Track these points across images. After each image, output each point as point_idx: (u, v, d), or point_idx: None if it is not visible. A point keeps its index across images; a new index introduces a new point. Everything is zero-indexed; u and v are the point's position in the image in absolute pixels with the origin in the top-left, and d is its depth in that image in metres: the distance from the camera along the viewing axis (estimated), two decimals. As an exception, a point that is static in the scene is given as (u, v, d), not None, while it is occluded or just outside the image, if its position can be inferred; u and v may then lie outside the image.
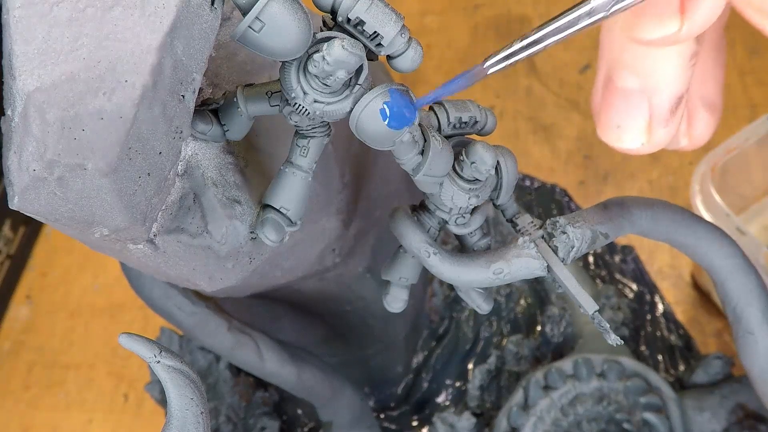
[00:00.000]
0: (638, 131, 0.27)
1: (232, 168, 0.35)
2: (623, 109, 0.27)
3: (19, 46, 0.25)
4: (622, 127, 0.27)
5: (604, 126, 0.27)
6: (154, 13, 0.26)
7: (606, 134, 0.28)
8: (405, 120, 0.29)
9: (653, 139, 0.27)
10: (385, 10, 0.27)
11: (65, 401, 0.71)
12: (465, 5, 0.83)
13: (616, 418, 0.49)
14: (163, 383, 0.30)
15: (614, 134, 0.27)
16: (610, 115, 0.27)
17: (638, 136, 0.27)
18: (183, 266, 0.34)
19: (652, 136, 0.27)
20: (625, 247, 0.64)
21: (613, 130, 0.27)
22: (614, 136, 0.27)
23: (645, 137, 0.27)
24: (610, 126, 0.27)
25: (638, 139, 0.27)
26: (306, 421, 0.59)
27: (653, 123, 0.27)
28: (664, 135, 0.27)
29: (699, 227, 0.38)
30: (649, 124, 0.27)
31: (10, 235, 0.76)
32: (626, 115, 0.27)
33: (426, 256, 0.35)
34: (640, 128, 0.27)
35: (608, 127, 0.27)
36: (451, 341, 0.59)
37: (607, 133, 0.27)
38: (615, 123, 0.27)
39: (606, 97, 0.27)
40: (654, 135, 0.27)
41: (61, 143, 0.26)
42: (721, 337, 0.61)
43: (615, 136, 0.27)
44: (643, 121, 0.27)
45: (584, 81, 0.76)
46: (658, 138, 0.27)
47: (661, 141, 0.27)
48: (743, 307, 0.39)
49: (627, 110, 0.27)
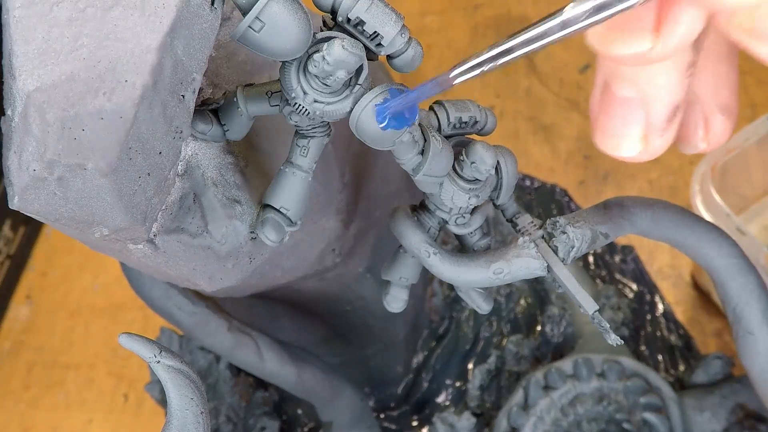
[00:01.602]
0: (635, 140, 0.27)
1: (232, 168, 0.35)
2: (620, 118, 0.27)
3: (19, 46, 0.25)
4: (619, 135, 0.27)
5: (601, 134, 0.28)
6: (154, 13, 0.26)
7: (603, 142, 0.28)
8: (405, 120, 0.29)
9: (650, 148, 0.27)
10: (385, 10, 0.27)
11: (65, 401, 0.71)
12: (465, 5, 0.83)
13: (616, 418, 0.49)
14: (163, 383, 0.30)
15: (611, 142, 0.27)
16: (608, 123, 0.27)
17: (635, 144, 0.27)
18: (183, 266, 0.34)
19: (648, 144, 0.27)
20: (625, 247, 0.64)
21: (610, 139, 0.27)
22: (611, 144, 0.27)
23: (642, 146, 0.27)
24: (607, 134, 0.27)
25: (635, 147, 0.27)
26: (306, 421, 0.59)
27: (650, 132, 0.27)
28: (661, 143, 0.27)
29: (699, 227, 0.38)
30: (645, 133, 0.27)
31: (10, 235, 0.76)
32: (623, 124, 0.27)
33: (426, 256, 0.35)
34: (637, 137, 0.27)
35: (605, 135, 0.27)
36: (451, 341, 0.59)
37: (604, 141, 0.28)
38: (612, 131, 0.27)
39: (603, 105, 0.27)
40: (650, 144, 0.27)
41: (61, 143, 0.26)
42: (721, 337, 0.61)
43: (612, 145, 0.27)
44: (640, 130, 0.27)
45: (584, 81, 0.76)
46: (655, 147, 0.27)
47: (657, 149, 0.27)
48: (743, 307, 0.39)
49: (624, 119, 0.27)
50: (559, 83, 0.76)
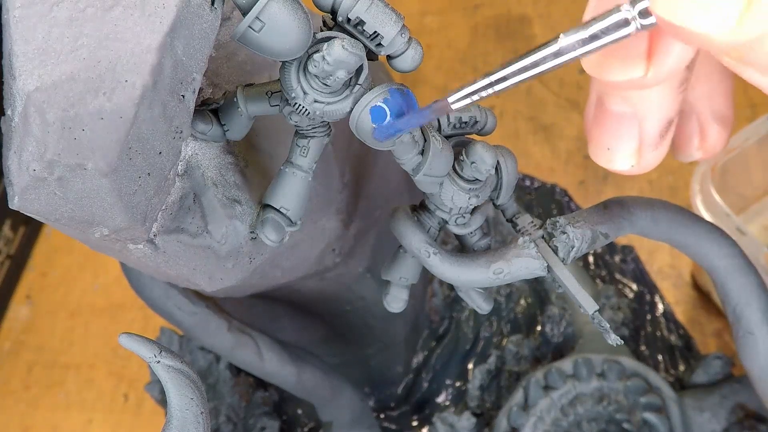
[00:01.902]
0: (628, 154, 0.27)
1: (232, 168, 0.35)
2: (614, 133, 0.27)
3: (19, 46, 0.25)
4: (613, 149, 0.27)
5: (595, 147, 0.28)
6: (154, 13, 0.26)
7: (597, 155, 0.28)
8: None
9: (643, 162, 0.27)
10: (385, 10, 0.27)
11: (65, 401, 0.71)
12: (465, 5, 0.83)
13: (616, 418, 0.49)
14: (163, 383, 0.30)
15: (605, 156, 0.28)
16: (601, 137, 0.27)
17: (628, 158, 0.27)
18: (183, 266, 0.34)
19: (641, 158, 0.27)
20: (625, 247, 0.64)
21: (603, 152, 0.28)
22: (605, 158, 0.28)
23: (635, 160, 0.27)
24: (600, 148, 0.28)
25: (628, 161, 0.27)
26: (306, 421, 0.59)
27: (643, 147, 0.27)
28: (654, 157, 0.28)
29: (699, 227, 0.38)
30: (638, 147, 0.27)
31: (10, 235, 0.76)
32: (617, 139, 0.27)
33: (426, 256, 0.35)
34: (630, 151, 0.27)
35: (599, 149, 0.28)
36: (451, 341, 0.59)
37: (597, 154, 0.28)
38: (605, 145, 0.27)
39: (597, 119, 0.27)
40: (644, 158, 0.27)
41: (61, 143, 0.26)
42: (721, 337, 0.61)
43: (605, 158, 0.28)
44: (633, 145, 0.27)
45: (584, 81, 0.76)
46: (648, 161, 0.28)
47: (650, 164, 0.28)
48: (743, 307, 0.39)
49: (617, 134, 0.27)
50: (559, 83, 0.76)
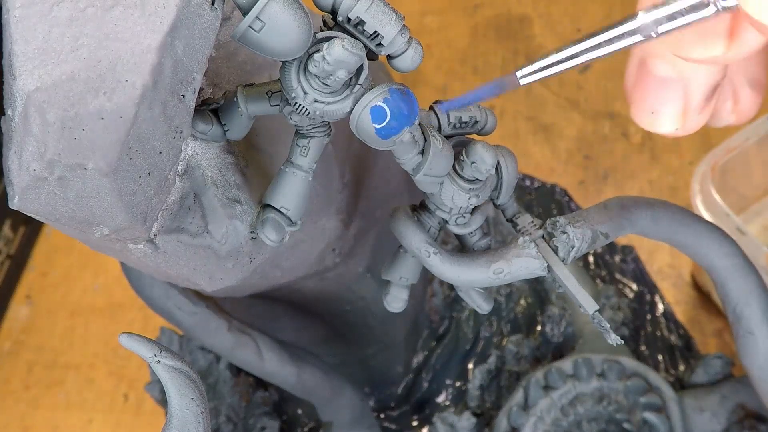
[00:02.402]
0: (673, 118, 0.27)
1: (233, 168, 0.34)
2: (658, 96, 0.27)
3: (19, 46, 0.25)
4: (657, 113, 0.27)
5: (638, 110, 0.28)
6: (154, 12, 0.26)
7: (640, 119, 0.28)
8: (404, 121, 0.29)
9: (687, 125, 0.27)
10: (386, 10, 0.27)
11: (65, 401, 0.71)
12: (465, 5, 0.83)
13: (616, 418, 0.49)
14: (164, 383, 0.30)
15: (648, 119, 0.27)
16: (645, 100, 0.27)
17: (673, 122, 0.27)
18: (183, 266, 0.34)
19: (686, 122, 0.27)
20: (625, 247, 0.64)
21: (647, 116, 0.27)
22: (648, 121, 0.27)
23: (679, 123, 0.27)
24: (644, 111, 0.27)
25: (673, 125, 0.27)
26: (306, 421, 0.59)
27: (688, 110, 0.27)
28: (699, 121, 0.27)
29: (699, 227, 0.38)
30: (684, 111, 0.27)
31: (10, 235, 0.76)
32: (661, 102, 0.27)
33: (426, 256, 0.35)
34: (676, 115, 0.27)
35: (643, 112, 0.28)
36: (451, 341, 0.59)
37: (641, 117, 0.28)
38: (650, 108, 0.27)
39: (640, 82, 0.27)
40: (688, 121, 0.27)
41: (62, 143, 0.26)
42: (721, 337, 0.61)
43: (649, 121, 0.27)
44: (678, 108, 0.27)
45: (584, 81, 0.76)
46: (693, 124, 0.27)
47: (695, 126, 0.27)
48: (743, 307, 0.39)
49: (662, 97, 0.27)
50: (559, 83, 0.76)
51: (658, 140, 0.71)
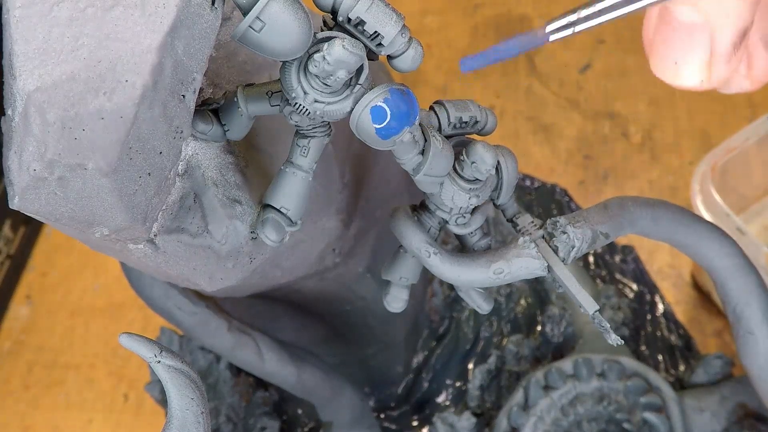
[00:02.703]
0: (698, 68, 0.25)
1: (233, 168, 0.34)
2: (682, 45, 0.25)
3: (19, 46, 0.25)
4: (680, 62, 0.25)
5: (659, 62, 0.26)
6: (154, 12, 0.26)
7: (661, 71, 0.26)
8: (405, 120, 0.29)
9: (714, 76, 0.26)
10: (386, 10, 0.27)
11: (65, 401, 0.71)
12: (465, 5, 0.83)
13: (616, 418, 0.49)
14: (164, 383, 0.30)
15: (671, 71, 0.26)
16: (667, 50, 0.25)
17: (698, 73, 0.25)
18: (183, 266, 0.34)
19: (712, 73, 0.25)
20: (625, 247, 0.64)
21: (669, 67, 0.26)
22: (671, 72, 0.26)
23: (705, 74, 0.25)
24: (666, 62, 0.26)
25: (698, 76, 0.26)
26: (306, 421, 0.59)
27: (714, 59, 0.25)
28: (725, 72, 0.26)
29: (699, 227, 0.38)
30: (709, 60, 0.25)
31: (10, 235, 0.76)
32: (685, 51, 0.25)
33: (426, 256, 0.35)
34: (701, 64, 0.25)
35: (664, 64, 0.26)
36: (451, 341, 0.59)
37: (662, 69, 0.26)
38: (672, 59, 0.25)
39: (662, 31, 0.25)
40: (715, 72, 0.25)
41: (62, 143, 0.26)
42: (721, 337, 0.61)
43: (672, 73, 0.26)
44: (704, 57, 0.25)
45: (584, 81, 0.76)
46: (719, 75, 0.26)
47: (721, 78, 0.26)
48: (743, 307, 0.39)
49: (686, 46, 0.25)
50: (559, 83, 0.76)
51: (658, 140, 0.71)
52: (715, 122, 0.70)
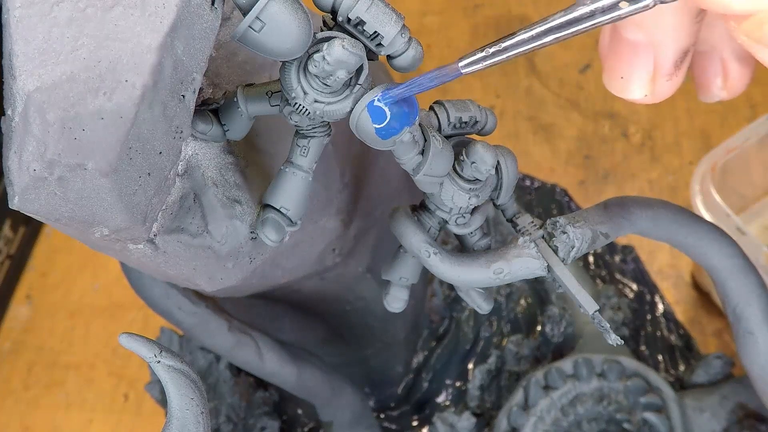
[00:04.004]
0: (642, 83, 0.27)
1: (233, 168, 0.35)
2: (628, 61, 0.27)
3: (19, 46, 0.25)
4: (627, 78, 0.27)
5: (609, 76, 0.28)
6: (154, 12, 0.26)
7: (611, 84, 0.28)
8: (405, 120, 0.29)
9: (657, 91, 0.27)
10: (386, 10, 0.27)
11: (65, 401, 0.71)
12: (465, 5, 0.83)
13: (616, 418, 0.49)
14: (164, 383, 0.30)
15: (618, 84, 0.28)
16: (615, 65, 0.27)
17: (642, 87, 0.27)
18: (183, 266, 0.34)
19: (655, 88, 0.27)
20: (625, 247, 0.64)
21: (617, 81, 0.28)
22: (618, 86, 0.28)
23: (648, 89, 0.27)
24: (614, 76, 0.28)
25: (641, 90, 0.27)
26: (306, 421, 0.59)
27: (657, 76, 0.27)
28: (668, 88, 0.27)
29: (699, 227, 0.38)
30: (653, 76, 0.27)
31: (10, 235, 0.76)
32: (631, 67, 0.27)
33: (426, 256, 0.35)
34: (644, 80, 0.27)
35: (613, 78, 0.28)
36: (451, 341, 0.59)
37: (611, 82, 0.28)
38: (619, 73, 0.27)
39: (612, 47, 0.27)
40: (657, 88, 0.27)
41: (62, 143, 0.26)
42: (721, 337, 0.61)
43: (619, 87, 0.28)
44: (647, 74, 0.27)
45: (584, 81, 0.76)
46: (661, 91, 0.27)
47: (664, 93, 0.27)
48: (743, 307, 0.39)
49: (632, 62, 0.27)
50: (559, 83, 0.76)
51: (658, 140, 0.71)
52: (715, 122, 0.70)
